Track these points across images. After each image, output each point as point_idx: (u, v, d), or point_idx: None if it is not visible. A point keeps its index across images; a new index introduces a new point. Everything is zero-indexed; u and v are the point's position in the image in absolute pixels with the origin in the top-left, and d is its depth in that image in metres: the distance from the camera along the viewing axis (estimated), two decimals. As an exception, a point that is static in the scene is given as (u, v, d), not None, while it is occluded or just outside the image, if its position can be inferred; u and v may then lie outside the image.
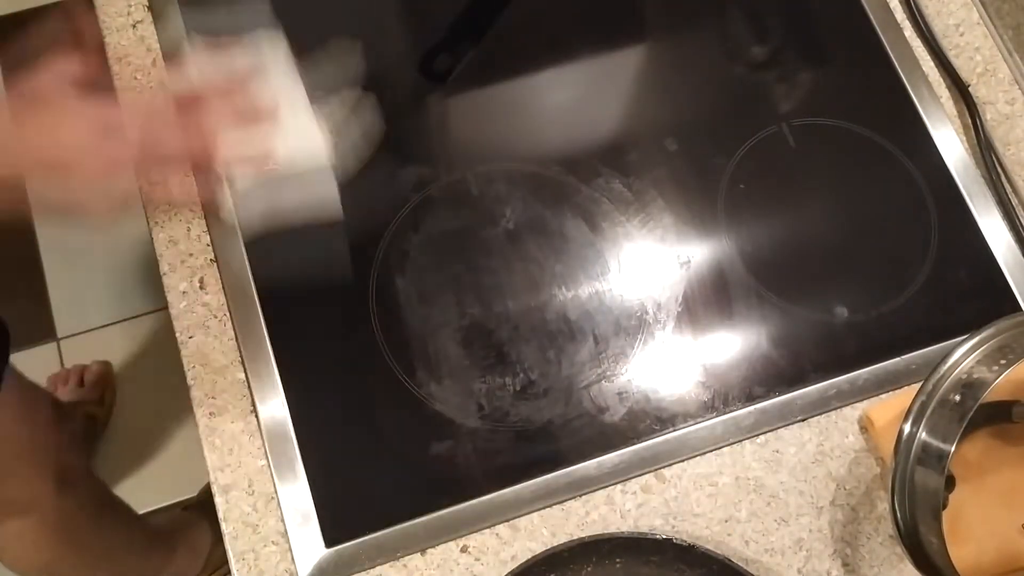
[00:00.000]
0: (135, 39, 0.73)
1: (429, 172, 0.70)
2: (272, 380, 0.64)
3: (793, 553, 0.62)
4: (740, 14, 0.78)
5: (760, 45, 0.77)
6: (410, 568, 0.61)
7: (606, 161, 0.71)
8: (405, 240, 0.68)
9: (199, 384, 0.64)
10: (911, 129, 0.74)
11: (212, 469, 0.62)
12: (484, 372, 0.65)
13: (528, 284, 0.68)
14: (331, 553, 0.60)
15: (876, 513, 0.64)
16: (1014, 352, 0.55)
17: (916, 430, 0.56)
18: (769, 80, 0.75)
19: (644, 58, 0.77)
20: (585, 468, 0.63)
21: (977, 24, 0.78)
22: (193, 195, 0.61)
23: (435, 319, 0.66)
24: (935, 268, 0.70)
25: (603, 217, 0.70)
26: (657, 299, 0.68)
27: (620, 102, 0.75)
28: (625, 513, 0.63)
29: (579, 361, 0.66)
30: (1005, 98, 0.76)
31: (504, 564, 0.61)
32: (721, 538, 0.62)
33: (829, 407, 0.66)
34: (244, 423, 0.63)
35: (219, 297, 0.66)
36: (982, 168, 0.73)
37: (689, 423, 0.65)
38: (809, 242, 0.71)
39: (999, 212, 0.72)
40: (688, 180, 0.71)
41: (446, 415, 0.64)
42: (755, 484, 0.64)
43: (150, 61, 0.72)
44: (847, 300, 0.68)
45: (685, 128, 0.73)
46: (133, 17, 0.73)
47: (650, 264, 0.69)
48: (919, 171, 0.73)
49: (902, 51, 0.76)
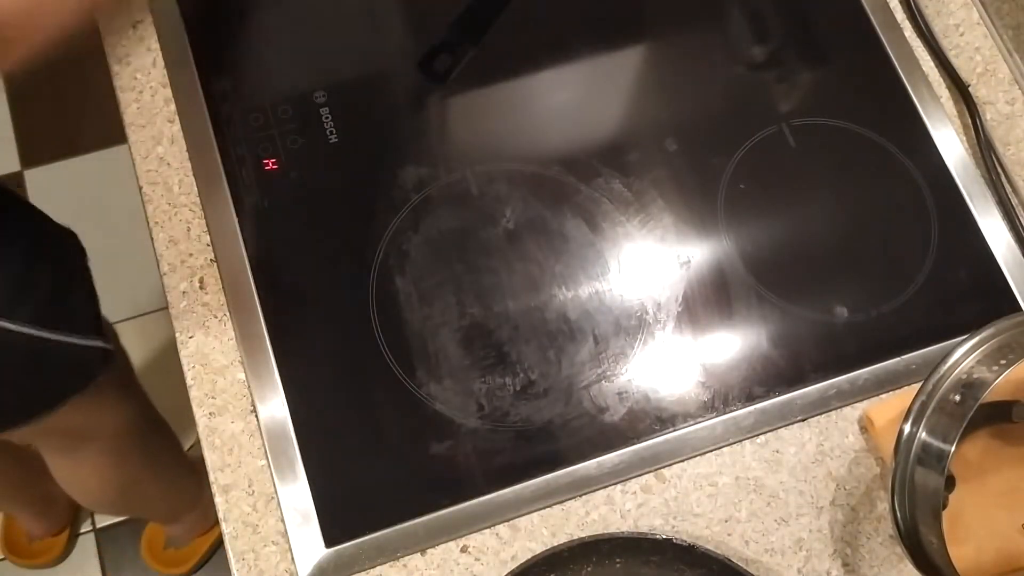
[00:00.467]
0: (135, 39, 0.73)
1: (429, 172, 0.70)
2: (272, 380, 0.64)
3: (793, 553, 0.62)
4: (740, 14, 0.78)
5: (760, 45, 0.77)
6: (410, 568, 0.61)
7: (606, 161, 0.71)
8: (405, 240, 0.68)
9: (199, 384, 0.64)
10: (911, 129, 0.74)
11: (212, 469, 0.62)
12: (484, 372, 0.65)
13: (528, 284, 0.68)
14: (331, 553, 0.60)
15: (876, 513, 0.64)
16: (1014, 352, 0.55)
17: (916, 430, 0.56)
18: (769, 80, 0.75)
19: (644, 58, 0.77)
20: (585, 468, 0.63)
21: (977, 24, 0.78)
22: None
23: (435, 319, 0.66)
24: (935, 268, 0.70)
25: (603, 217, 0.70)
26: (657, 299, 0.68)
27: (620, 102, 0.75)
28: (625, 513, 0.63)
29: (579, 361, 0.66)
30: (1005, 98, 0.76)
31: (504, 564, 0.61)
32: (721, 538, 0.62)
33: (829, 407, 0.66)
34: (244, 423, 0.63)
35: (219, 297, 0.66)
36: (982, 168, 0.73)
37: (689, 423, 0.65)
38: (809, 242, 0.71)
39: (999, 212, 0.72)
40: (688, 180, 0.71)
41: (446, 415, 0.64)
42: (755, 484, 0.64)
43: (150, 61, 0.72)
44: (847, 300, 0.69)
45: (685, 128, 0.73)
46: (133, 17, 0.73)
47: (650, 264, 0.69)
48: (919, 171, 0.73)
49: (902, 51, 0.76)
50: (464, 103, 0.74)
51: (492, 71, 0.75)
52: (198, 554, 1.36)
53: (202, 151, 0.69)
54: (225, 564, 0.60)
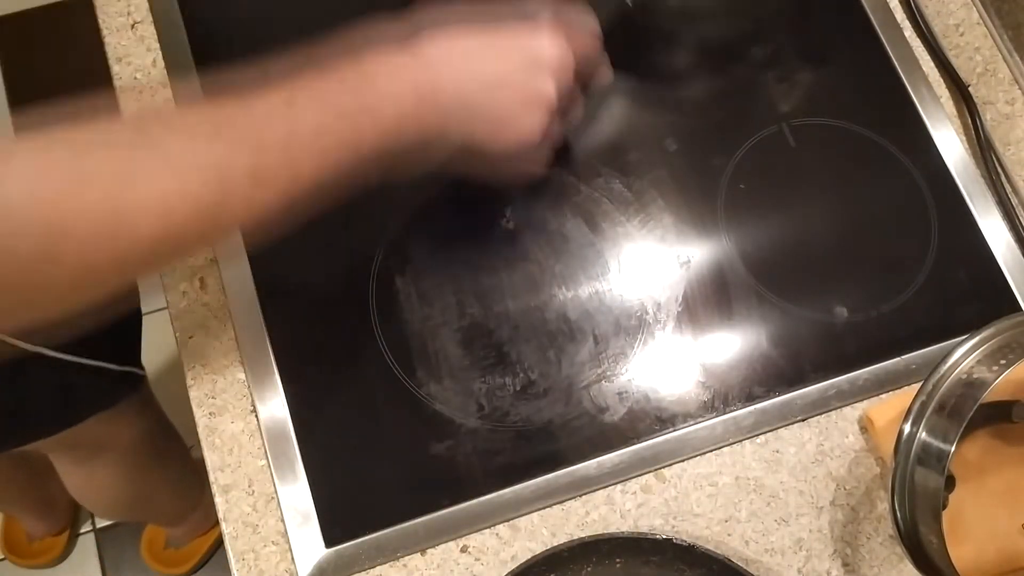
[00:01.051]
0: (135, 39, 0.73)
1: (428, 172, 0.70)
2: (272, 380, 0.64)
3: (793, 553, 0.62)
4: (740, 14, 0.77)
5: (760, 45, 0.77)
6: (410, 568, 0.61)
7: (606, 161, 0.71)
8: (405, 240, 0.68)
9: (199, 384, 0.64)
10: (911, 129, 0.74)
11: (212, 469, 0.62)
12: (484, 372, 0.65)
13: (528, 284, 0.68)
14: (331, 553, 0.60)
15: (876, 513, 0.64)
16: (1014, 352, 0.55)
17: (916, 430, 0.56)
18: (769, 80, 0.75)
19: (644, 58, 0.77)
20: (585, 468, 0.63)
21: (977, 24, 0.78)
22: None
23: (435, 319, 0.66)
24: (935, 268, 0.70)
25: (603, 217, 0.70)
26: (657, 299, 0.68)
27: (620, 102, 0.75)
28: (625, 513, 0.63)
29: (579, 361, 0.66)
30: (1005, 98, 0.76)
31: (504, 564, 0.61)
32: (721, 538, 0.62)
33: (829, 407, 0.66)
34: (244, 423, 0.63)
35: (219, 297, 0.66)
36: (982, 168, 0.73)
37: (689, 423, 0.65)
38: (809, 242, 0.71)
39: (999, 212, 0.72)
40: (688, 180, 0.71)
41: (446, 415, 0.64)
42: (755, 484, 0.64)
43: (150, 61, 0.72)
44: (847, 300, 0.68)
45: (685, 128, 0.73)
46: (133, 17, 0.73)
47: (650, 264, 0.69)
48: (919, 171, 0.73)
49: (902, 51, 0.76)
50: (464, 103, 0.74)
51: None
52: (198, 554, 1.36)
53: (202, 151, 0.69)
54: (225, 564, 0.60)
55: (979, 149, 0.74)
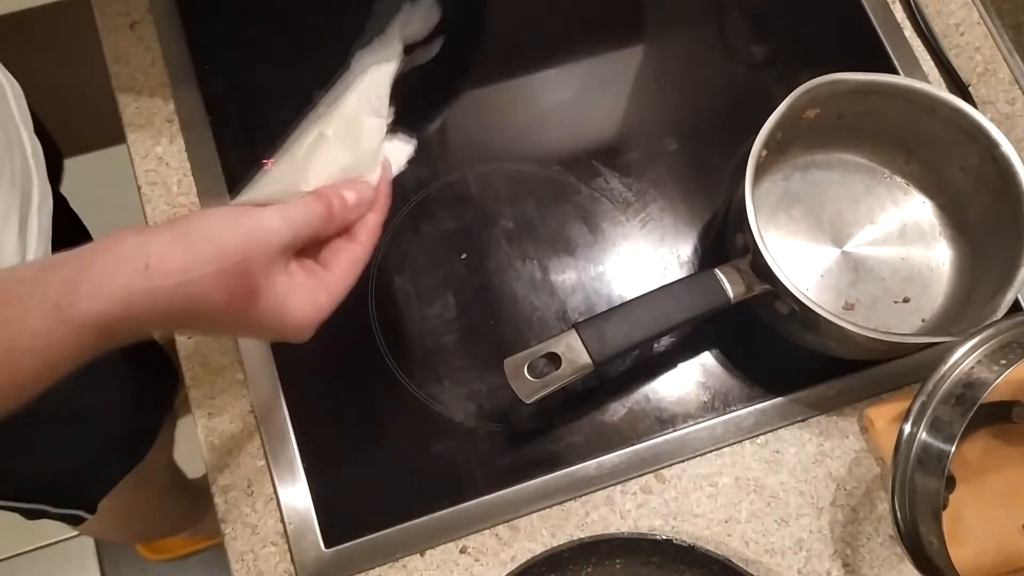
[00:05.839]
0: (134, 39, 0.73)
1: (428, 172, 0.70)
2: (272, 380, 0.63)
3: (793, 554, 0.62)
4: (740, 14, 0.77)
5: (760, 45, 0.77)
6: (409, 569, 0.61)
7: (606, 161, 0.71)
8: (404, 240, 0.68)
9: (198, 385, 0.64)
10: (911, 129, 0.74)
11: (211, 470, 0.62)
12: (484, 372, 0.65)
13: (528, 284, 0.67)
14: (330, 554, 0.60)
15: (876, 513, 0.64)
16: (1014, 352, 0.55)
17: (916, 430, 0.56)
18: (769, 80, 0.75)
19: (644, 58, 0.77)
20: (585, 468, 0.63)
21: (977, 24, 0.78)
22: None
23: (435, 319, 0.66)
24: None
25: (603, 217, 0.70)
26: (657, 299, 0.68)
27: (620, 102, 0.75)
28: (625, 513, 0.63)
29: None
30: (1005, 98, 0.76)
31: (504, 565, 0.61)
32: (721, 539, 0.62)
33: (829, 407, 0.66)
34: (243, 423, 0.63)
35: (218, 297, 0.66)
36: (982, 168, 0.73)
37: (689, 423, 0.65)
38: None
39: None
40: (688, 180, 0.71)
41: (446, 415, 0.64)
42: (755, 484, 0.64)
43: (149, 61, 0.72)
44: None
45: (685, 128, 0.73)
46: (132, 17, 0.73)
47: (650, 264, 0.69)
48: (919, 171, 0.73)
49: (902, 51, 0.76)
50: (464, 103, 0.74)
51: (492, 71, 0.74)
52: (192, 547, 1.36)
53: (201, 151, 0.69)
54: (225, 564, 0.60)
55: (979, 149, 0.73)
